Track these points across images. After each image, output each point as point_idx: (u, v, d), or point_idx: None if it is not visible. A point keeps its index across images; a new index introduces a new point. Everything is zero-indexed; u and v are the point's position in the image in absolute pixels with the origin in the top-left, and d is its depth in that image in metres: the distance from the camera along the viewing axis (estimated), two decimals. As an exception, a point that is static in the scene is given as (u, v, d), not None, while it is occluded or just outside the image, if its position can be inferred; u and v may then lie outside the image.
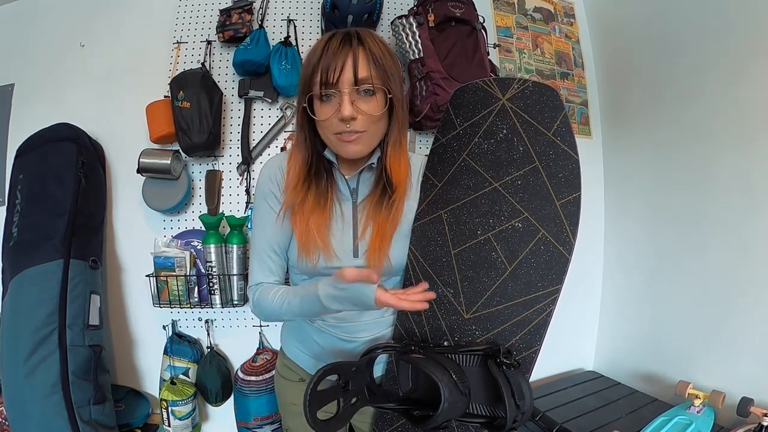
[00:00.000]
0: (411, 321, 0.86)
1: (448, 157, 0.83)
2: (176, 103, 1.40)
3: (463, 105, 0.82)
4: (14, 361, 1.22)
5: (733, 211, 1.39)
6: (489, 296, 0.77)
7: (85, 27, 1.62)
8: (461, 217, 0.80)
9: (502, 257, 0.76)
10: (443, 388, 0.65)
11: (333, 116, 0.73)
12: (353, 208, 0.85)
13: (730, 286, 1.39)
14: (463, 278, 0.80)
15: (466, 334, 0.79)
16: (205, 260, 1.41)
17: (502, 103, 0.77)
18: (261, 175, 0.87)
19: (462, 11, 1.51)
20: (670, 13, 1.60)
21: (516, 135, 0.76)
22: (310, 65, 0.74)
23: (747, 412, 1.19)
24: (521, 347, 0.75)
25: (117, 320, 1.56)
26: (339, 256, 0.83)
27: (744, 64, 1.35)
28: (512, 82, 0.76)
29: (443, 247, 0.82)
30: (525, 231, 0.75)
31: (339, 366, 0.72)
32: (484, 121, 0.79)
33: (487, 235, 0.78)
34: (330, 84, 0.72)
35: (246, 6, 1.54)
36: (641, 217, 1.75)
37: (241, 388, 1.46)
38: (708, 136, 1.47)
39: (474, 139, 0.80)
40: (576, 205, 0.72)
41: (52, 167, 1.38)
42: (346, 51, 0.72)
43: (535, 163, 0.74)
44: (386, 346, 0.80)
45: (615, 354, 1.85)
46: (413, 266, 0.85)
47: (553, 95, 0.74)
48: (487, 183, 0.78)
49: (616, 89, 1.90)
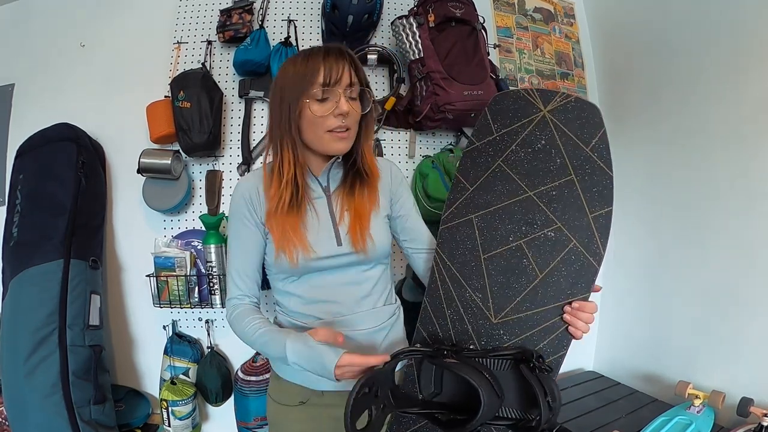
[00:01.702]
0: (435, 324, 0.87)
1: (482, 162, 0.85)
2: (176, 103, 1.40)
3: (501, 111, 0.83)
4: (14, 361, 1.22)
5: (733, 211, 1.39)
6: (519, 302, 0.79)
7: (85, 27, 1.62)
8: (492, 223, 0.82)
9: (533, 264, 0.78)
10: (482, 392, 0.66)
11: (329, 114, 0.82)
12: (327, 200, 0.91)
13: (730, 286, 1.39)
14: (492, 283, 0.81)
15: (493, 339, 0.81)
16: (206, 260, 1.41)
17: (543, 114, 0.79)
18: (235, 195, 0.92)
19: (462, 11, 1.51)
20: (669, 13, 1.60)
21: (554, 147, 0.78)
22: (309, 71, 0.83)
23: (747, 412, 1.19)
24: (549, 351, 0.78)
25: (117, 320, 1.56)
26: (320, 249, 0.87)
27: (744, 64, 1.36)
28: (554, 95, 0.78)
29: (473, 252, 0.83)
30: (557, 240, 0.77)
31: (375, 375, 0.72)
32: (523, 130, 0.80)
33: (519, 242, 0.79)
34: (332, 84, 0.82)
35: (246, 6, 1.54)
36: (641, 216, 1.75)
37: (242, 388, 1.46)
38: (708, 136, 1.47)
39: (511, 147, 0.81)
40: (607, 218, 0.74)
41: (52, 167, 1.38)
42: (343, 60, 0.84)
43: (571, 175, 0.76)
44: (416, 350, 0.80)
45: (615, 354, 1.85)
46: (439, 269, 0.86)
47: (594, 112, 0.76)
48: (521, 191, 0.80)
49: (616, 89, 1.90)
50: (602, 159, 0.75)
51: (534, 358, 0.71)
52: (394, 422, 0.90)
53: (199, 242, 1.48)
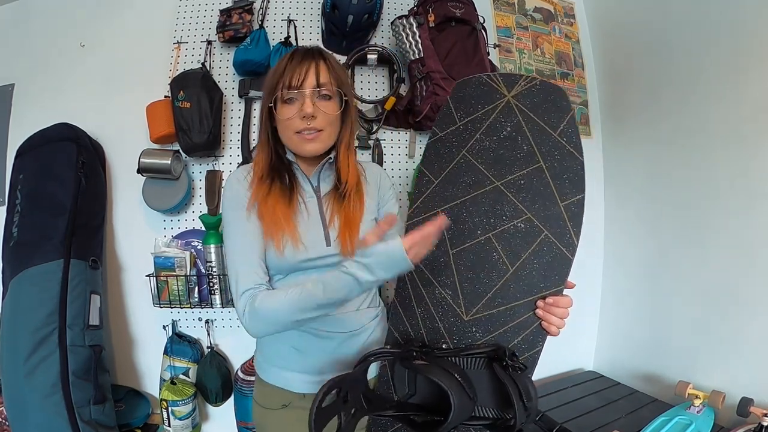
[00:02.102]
0: (406, 323, 0.84)
1: (446, 153, 0.81)
2: (176, 103, 1.40)
3: (464, 99, 0.79)
4: (14, 361, 1.22)
5: (733, 211, 1.39)
6: (490, 298, 0.76)
7: (85, 27, 1.62)
8: (460, 216, 0.78)
9: (503, 258, 0.75)
10: (453, 396, 0.64)
11: (295, 115, 0.84)
12: (318, 202, 0.91)
13: (730, 286, 1.39)
14: (462, 279, 0.78)
15: (465, 337, 0.77)
16: (206, 260, 1.41)
17: (507, 99, 0.75)
18: (225, 189, 0.92)
19: (462, 11, 1.51)
20: (669, 13, 1.60)
21: (521, 133, 0.74)
22: (276, 73, 0.86)
23: (747, 412, 1.19)
24: (523, 348, 0.74)
25: (117, 320, 1.56)
26: (310, 246, 0.86)
27: (744, 64, 1.35)
28: (518, 79, 0.75)
29: (440, 247, 0.79)
30: (528, 231, 0.73)
31: (341, 380, 0.70)
32: (487, 117, 0.77)
33: (487, 235, 0.76)
34: (294, 87, 0.83)
35: (246, 6, 1.54)
36: (641, 216, 1.75)
37: (242, 388, 1.46)
38: (708, 136, 1.47)
39: (475, 135, 0.78)
40: (580, 206, 0.71)
41: (52, 167, 1.38)
42: (308, 61, 0.84)
43: (540, 163, 0.73)
44: (385, 351, 0.77)
45: (615, 354, 1.85)
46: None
47: (561, 95, 0.73)
48: (488, 181, 0.76)
49: (616, 89, 1.90)
50: (571, 144, 0.71)
51: (507, 356, 0.69)
52: (372, 424, 0.88)
53: (199, 242, 1.48)
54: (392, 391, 0.81)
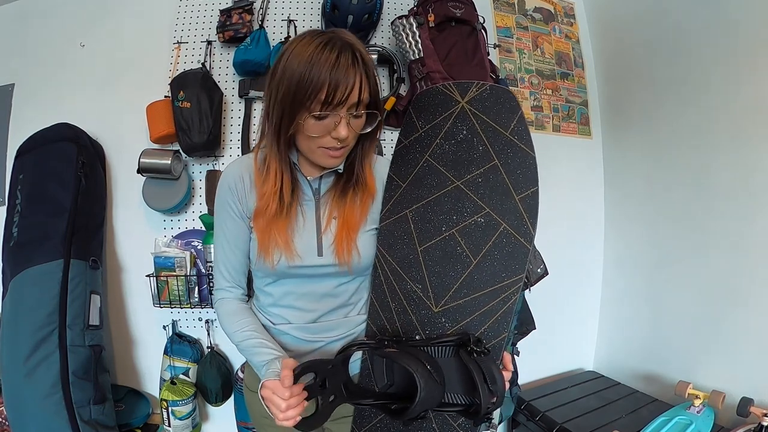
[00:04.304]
0: (383, 318, 0.89)
1: (411, 158, 0.87)
2: (176, 103, 1.40)
3: (424, 108, 0.86)
4: (14, 361, 1.22)
5: (732, 212, 1.39)
6: (456, 289, 0.81)
7: (85, 27, 1.62)
8: (426, 215, 0.84)
9: (466, 251, 0.80)
10: (419, 378, 0.68)
11: (326, 134, 0.74)
12: (315, 205, 0.86)
13: (730, 286, 1.39)
14: (430, 273, 0.83)
15: (436, 327, 0.82)
16: (206, 260, 1.41)
17: (462, 105, 0.81)
18: (220, 183, 0.87)
19: (462, 11, 1.51)
20: (670, 13, 1.60)
21: (475, 135, 0.80)
22: (310, 81, 0.69)
23: (747, 412, 1.19)
24: (490, 335, 0.79)
25: (117, 320, 1.56)
26: (301, 255, 0.84)
27: (744, 64, 1.36)
28: (470, 86, 0.81)
29: (410, 245, 0.85)
30: (487, 225, 0.79)
31: (314, 364, 0.73)
32: (445, 123, 0.83)
33: (451, 231, 0.81)
34: (333, 105, 0.70)
35: (246, 6, 1.54)
36: (641, 217, 1.75)
37: (242, 388, 1.46)
38: (708, 136, 1.47)
39: (435, 141, 0.84)
40: (534, 198, 0.76)
41: (52, 167, 1.38)
42: (354, 71, 0.70)
43: (495, 161, 0.78)
44: (360, 343, 0.82)
45: (615, 354, 1.85)
46: (381, 265, 0.88)
47: (509, 97, 0.79)
48: (449, 182, 0.82)
49: (616, 89, 1.90)
50: (522, 141, 0.77)
51: (471, 342, 0.72)
52: (357, 416, 0.92)
53: (199, 242, 1.48)
54: (374, 384, 0.86)
